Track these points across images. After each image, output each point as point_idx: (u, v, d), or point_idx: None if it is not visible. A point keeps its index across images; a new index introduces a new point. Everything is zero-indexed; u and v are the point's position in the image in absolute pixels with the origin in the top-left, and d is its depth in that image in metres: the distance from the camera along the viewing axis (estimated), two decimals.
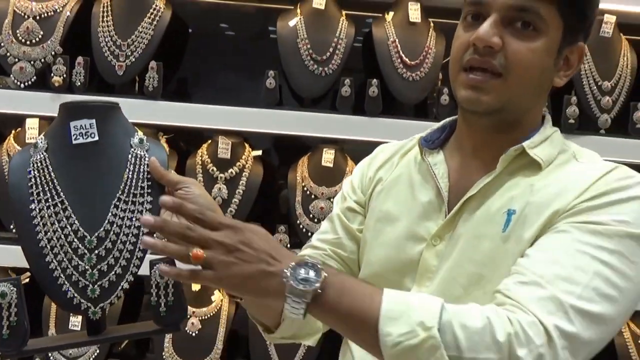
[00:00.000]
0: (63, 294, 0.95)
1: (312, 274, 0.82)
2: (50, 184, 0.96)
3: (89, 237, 0.96)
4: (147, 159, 0.97)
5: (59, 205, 0.95)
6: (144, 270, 0.98)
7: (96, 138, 0.96)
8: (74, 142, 0.96)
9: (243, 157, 2.08)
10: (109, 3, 2.06)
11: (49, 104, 2.01)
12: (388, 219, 1.05)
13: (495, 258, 0.93)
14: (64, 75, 1.99)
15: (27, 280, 2.08)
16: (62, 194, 0.96)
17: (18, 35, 2.02)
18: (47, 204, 0.95)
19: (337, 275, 0.86)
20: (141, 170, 0.97)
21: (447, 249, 0.98)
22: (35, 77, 2.02)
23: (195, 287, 2.08)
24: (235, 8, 2.41)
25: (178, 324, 0.98)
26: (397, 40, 2.04)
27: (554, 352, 0.81)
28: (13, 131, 2.11)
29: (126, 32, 2.04)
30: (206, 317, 2.08)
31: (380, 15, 2.13)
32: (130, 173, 0.97)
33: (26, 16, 2.03)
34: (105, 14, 2.05)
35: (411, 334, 0.80)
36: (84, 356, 2.04)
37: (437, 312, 0.81)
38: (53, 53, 2.01)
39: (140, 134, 1.00)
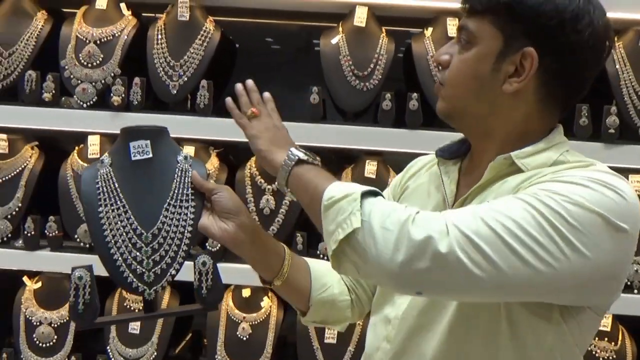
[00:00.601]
0: (124, 279, 1.18)
1: (309, 155, 1.07)
2: (114, 192, 1.19)
3: (145, 234, 1.18)
4: (190, 172, 1.20)
5: (121, 208, 1.18)
6: None
7: (150, 155, 1.20)
8: (132, 158, 1.20)
9: None
10: (163, 27, 2.20)
11: (108, 122, 2.16)
12: None
13: None
14: (123, 95, 2.14)
15: None
16: (123, 200, 1.19)
17: (80, 58, 2.18)
18: (112, 208, 1.18)
19: (319, 167, 1.07)
20: (185, 181, 1.20)
21: None
22: (96, 97, 2.17)
23: (246, 293, 2.19)
24: (282, 26, 2.52)
25: (216, 304, 1.21)
26: None
27: (447, 234, 0.87)
28: (76, 147, 2.26)
29: (179, 53, 2.17)
30: (256, 322, 2.18)
31: (420, 30, 2.20)
32: (177, 183, 1.20)
33: (87, 41, 2.19)
34: (159, 37, 2.19)
35: (341, 191, 0.95)
36: (142, 358, 2.17)
37: (371, 190, 0.95)
38: (112, 74, 2.16)
39: (184, 152, 1.23)
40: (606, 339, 2.07)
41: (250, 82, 1.23)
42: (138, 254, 1.18)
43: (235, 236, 1.15)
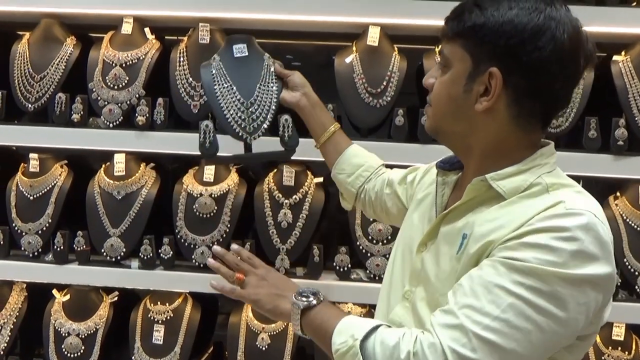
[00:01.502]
0: (233, 130, 1.74)
1: (310, 297, 1.17)
2: (224, 76, 1.76)
3: (245, 102, 1.75)
4: (272, 65, 1.75)
5: (230, 86, 1.76)
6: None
7: (247, 54, 1.79)
8: (235, 56, 1.79)
9: (306, 183, 2.26)
10: (184, 49, 2.31)
11: (133, 141, 2.26)
12: (411, 227, 1.27)
13: (447, 276, 1.08)
14: (147, 115, 2.24)
15: (116, 298, 2.33)
16: (230, 81, 1.77)
17: (107, 81, 2.29)
18: (223, 86, 1.76)
19: (325, 302, 1.18)
20: (270, 70, 1.76)
21: (427, 257, 1.15)
22: (121, 118, 2.27)
23: None
24: (301, 46, 2.61)
25: (294, 147, 1.81)
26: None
27: None
28: (103, 165, 2.37)
29: (200, 74, 2.26)
30: (275, 332, 2.24)
31: (432, 47, 2.27)
32: (265, 71, 1.77)
33: (114, 64, 2.30)
34: (181, 59, 2.29)
35: (344, 343, 1.04)
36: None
37: (367, 329, 1.03)
38: (137, 96, 2.26)
39: (266, 54, 1.78)
40: (619, 348, 2.09)
41: (235, 246, 1.37)
42: (241, 114, 1.75)
43: (300, 101, 1.68)
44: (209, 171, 2.27)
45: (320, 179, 2.29)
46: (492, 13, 1.03)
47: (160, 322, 2.28)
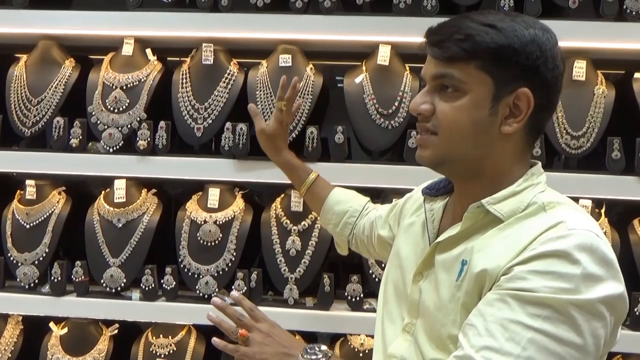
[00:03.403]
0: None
1: (318, 355, 1.16)
2: (266, 82, 2.07)
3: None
4: (312, 76, 2.09)
5: (270, 94, 2.05)
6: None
7: (290, 64, 2.13)
8: (280, 65, 2.10)
9: None
10: (187, 71, 2.22)
11: (134, 166, 2.17)
12: (399, 256, 1.23)
13: (447, 304, 1.05)
14: (148, 139, 2.15)
15: (116, 331, 2.22)
16: (270, 88, 2.05)
17: (107, 104, 2.20)
18: (264, 92, 2.06)
19: (332, 356, 1.17)
20: (309, 82, 2.12)
21: (425, 286, 1.11)
22: (122, 142, 2.19)
23: None
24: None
25: (315, 159, 2.01)
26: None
27: None
28: (103, 191, 2.27)
29: (203, 96, 2.19)
30: None
31: None
32: (304, 82, 2.11)
33: (114, 87, 2.21)
34: (184, 80, 2.21)
35: None
36: None
37: None
38: (138, 119, 2.18)
39: (310, 65, 2.09)
40: None
41: (234, 293, 1.34)
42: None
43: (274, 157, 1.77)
44: (214, 197, 2.17)
45: None
46: (515, 33, 1.01)
47: (162, 356, 2.17)
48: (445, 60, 1.03)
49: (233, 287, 2.10)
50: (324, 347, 1.17)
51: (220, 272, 2.13)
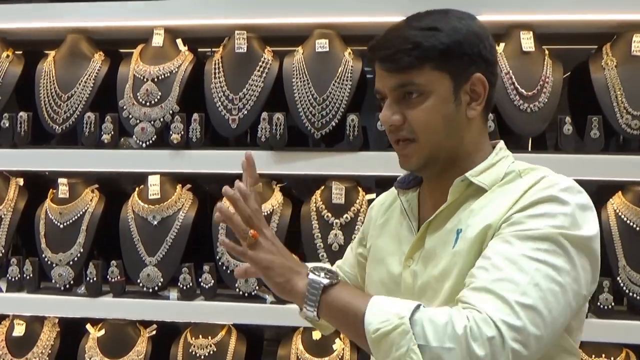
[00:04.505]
0: (303, 124, 1.98)
1: (329, 274, 1.07)
2: (303, 70, 1.99)
3: (318, 98, 1.94)
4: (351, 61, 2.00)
5: (306, 81, 1.98)
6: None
7: (327, 49, 2.01)
8: (316, 51, 2.00)
9: (357, 201, 2.05)
10: (220, 60, 2.13)
11: (168, 161, 2.09)
12: (380, 254, 1.23)
13: (447, 271, 1.08)
14: (182, 133, 2.07)
15: (154, 332, 2.15)
16: (308, 75, 1.99)
17: (138, 97, 2.13)
18: (300, 80, 1.97)
19: (342, 281, 1.08)
20: (348, 68, 2.01)
21: (418, 268, 1.13)
22: (155, 136, 2.11)
23: (316, 336, 2.05)
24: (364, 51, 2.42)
25: (357, 148, 1.95)
26: (510, 71, 1.96)
27: (503, 343, 0.93)
28: (136, 188, 2.20)
29: (237, 86, 2.10)
30: None
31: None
32: (342, 68, 2.01)
33: (145, 79, 2.14)
34: (217, 70, 2.12)
35: (387, 321, 0.97)
36: None
37: (412, 308, 0.98)
38: (171, 112, 2.10)
39: (348, 50, 1.98)
40: None
41: (242, 186, 1.10)
42: (313, 110, 1.88)
43: None
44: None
45: (373, 196, 2.08)
46: (453, 31, 1.09)
47: (203, 357, 2.09)
48: (400, 70, 1.08)
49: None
50: (330, 268, 1.09)
51: None
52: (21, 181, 2.27)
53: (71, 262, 2.15)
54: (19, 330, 2.18)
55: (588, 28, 2.03)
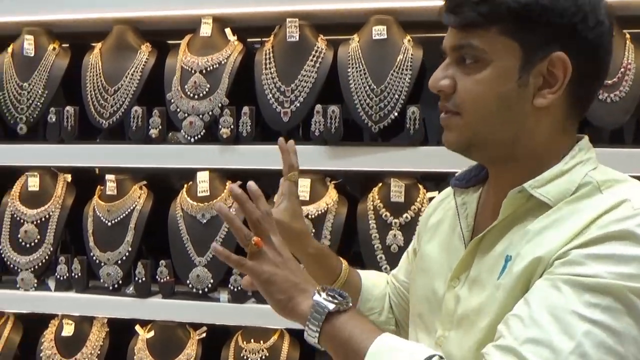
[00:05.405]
0: (360, 117, 1.85)
1: (339, 299, 0.91)
2: (359, 59, 1.85)
3: (376, 89, 1.81)
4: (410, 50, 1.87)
5: (362, 70, 1.84)
6: None
7: (385, 37, 1.87)
8: (373, 38, 1.85)
9: (418, 199, 1.92)
10: (270, 50, 2.02)
11: (217, 156, 2.00)
12: (426, 259, 1.06)
13: (486, 306, 0.89)
14: (232, 127, 1.97)
15: (204, 334, 2.07)
16: (364, 65, 1.84)
17: (186, 90, 2.03)
18: (356, 69, 1.83)
19: (354, 310, 0.93)
20: (407, 57, 1.86)
21: (463, 293, 0.95)
22: (204, 131, 2.02)
23: None
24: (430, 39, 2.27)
25: (419, 142, 1.77)
26: None
27: None
28: (185, 185, 2.12)
29: (289, 77, 1.98)
30: None
31: None
32: (402, 57, 1.86)
33: (193, 71, 2.04)
34: (267, 61, 2.01)
35: None
36: None
37: (421, 358, 0.83)
38: (220, 105, 2.00)
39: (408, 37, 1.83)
40: None
41: (253, 186, 0.98)
42: (370, 101, 1.77)
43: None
44: (304, 188, 1.97)
45: (435, 194, 1.94)
46: None
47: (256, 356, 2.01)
48: (463, 28, 0.90)
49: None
50: (344, 293, 0.93)
51: None
52: (69, 177, 2.22)
53: (119, 261, 2.08)
54: (68, 330, 2.13)
55: None
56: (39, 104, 2.14)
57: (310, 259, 1.20)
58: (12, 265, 2.15)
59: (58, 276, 2.12)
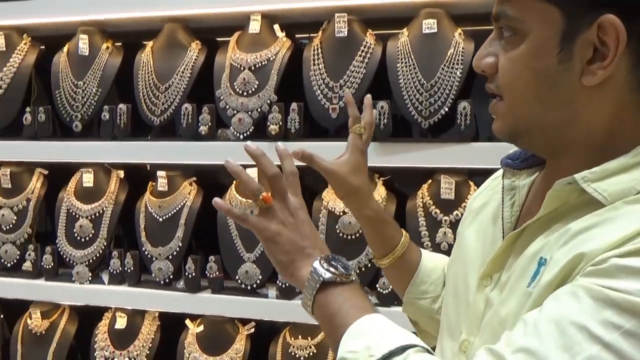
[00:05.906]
0: (409, 113, 1.80)
1: (339, 270, 0.85)
2: (408, 53, 1.81)
3: (425, 84, 1.77)
4: (462, 43, 1.78)
5: (412, 65, 1.80)
6: None
7: (436, 31, 1.82)
8: (423, 32, 1.81)
9: (469, 197, 1.87)
10: (319, 45, 2.01)
11: (266, 152, 1.99)
12: (463, 246, 0.95)
13: (511, 316, 0.76)
14: (280, 123, 1.97)
15: (252, 330, 2.09)
16: (414, 59, 1.80)
17: (235, 87, 2.05)
18: (405, 64, 1.80)
19: (353, 284, 0.86)
20: (458, 50, 1.82)
21: (494, 295, 0.82)
22: (252, 127, 2.02)
23: None
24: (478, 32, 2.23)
25: (469, 138, 1.73)
26: None
27: None
28: (234, 182, 2.13)
29: (338, 73, 1.97)
30: None
31: None
32: (452, 51, 1.81)
33: (242, 68, 2.05)
34: (316, 57, 2.00)
35: (354, 353, 0.77)
36: None
37: (391, 347, 0.75)
38: (269, 102, 2.00)
39: (459, 30, 1.79)
40: None
41: (281, 146, 0.99)
42: (420, 97, 1.71)
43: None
44: None
45: None
46: None
47: (302, 358, 2.00)
48: None
49: (377, 286, 1.88)
50: (349, 265, 0.87)
51: (363, 269, 1.91)
52: (122, 173, 2.26)
53: (170, 256, 2.11)
54: (121, 322, 2.18)
55: None
56: (93, 102, 2.19)
57: (366, 221, 1.13)
58: (67, 259, 2.21)
59: (111, 270, 2.17)
